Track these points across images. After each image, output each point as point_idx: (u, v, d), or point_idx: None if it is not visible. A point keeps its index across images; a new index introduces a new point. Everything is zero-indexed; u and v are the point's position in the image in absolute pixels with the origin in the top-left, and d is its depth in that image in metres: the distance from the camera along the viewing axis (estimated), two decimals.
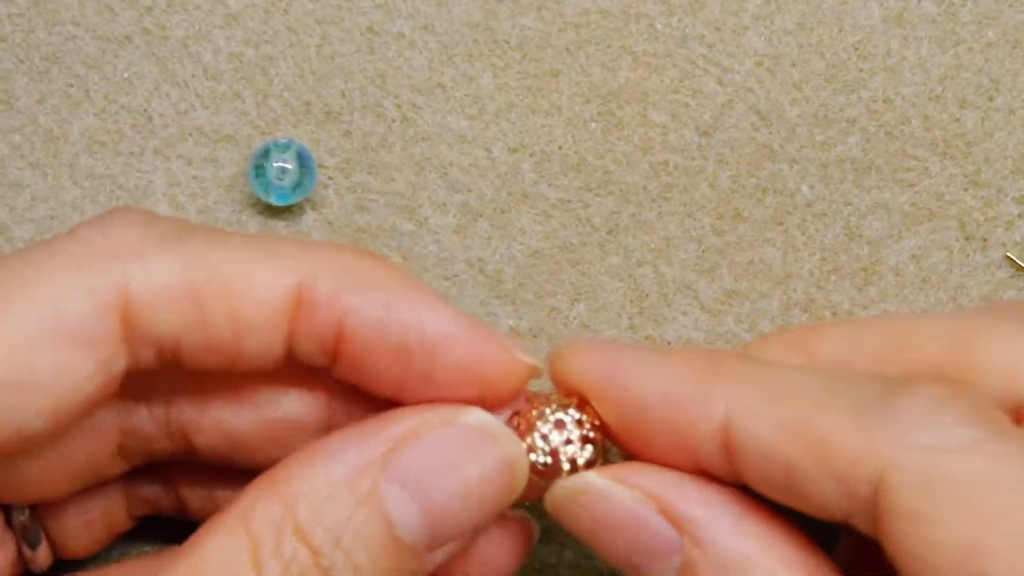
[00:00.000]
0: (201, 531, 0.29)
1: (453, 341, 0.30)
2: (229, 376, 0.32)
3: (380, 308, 0.30)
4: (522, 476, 0.31)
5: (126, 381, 0.30)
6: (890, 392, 0.28)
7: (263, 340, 0.30)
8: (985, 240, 0.39)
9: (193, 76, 0.40)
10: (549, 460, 0.31)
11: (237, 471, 0.33)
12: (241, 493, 0.29)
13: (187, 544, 0.29)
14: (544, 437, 0.31)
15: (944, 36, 0.40)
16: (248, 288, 0.29)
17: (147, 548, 0.38)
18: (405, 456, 0.29)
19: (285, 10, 0.40)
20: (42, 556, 0.33)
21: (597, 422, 0.31)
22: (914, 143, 0.39)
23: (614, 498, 0.30)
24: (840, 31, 0.40)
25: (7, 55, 0.40)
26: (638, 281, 0.39)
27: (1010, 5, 0.40)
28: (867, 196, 0.39)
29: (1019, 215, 0.39)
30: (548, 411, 0.31)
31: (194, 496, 0.35)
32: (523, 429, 0.31)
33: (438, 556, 0.30)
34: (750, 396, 0.29)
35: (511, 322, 0.39)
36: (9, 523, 0.33)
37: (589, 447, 0.31)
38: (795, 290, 0.39)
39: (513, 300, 0.39)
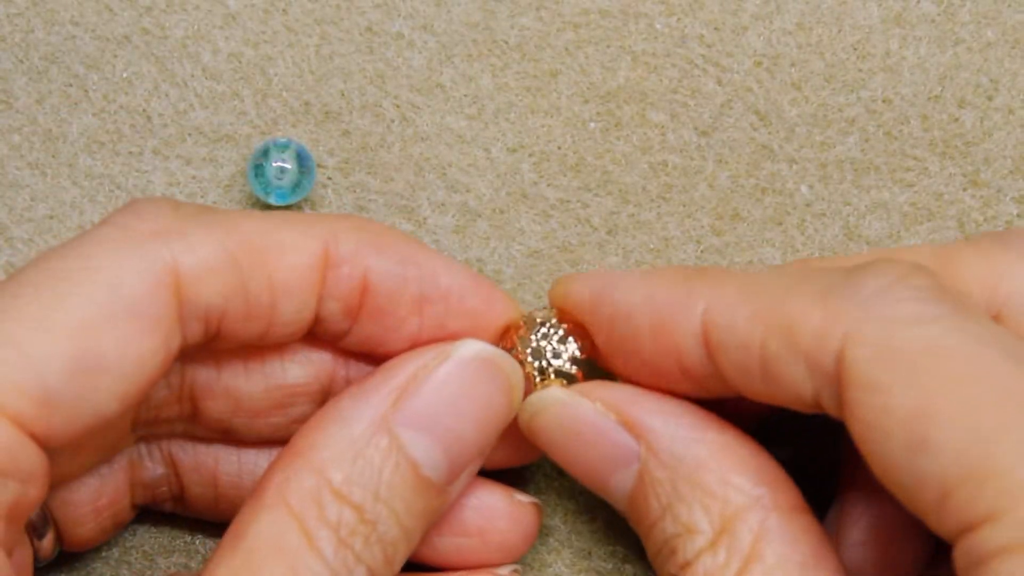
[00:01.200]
0: (241, 519, 0.30)
1: (466, 291, 0.33)
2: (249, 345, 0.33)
3: (399, 262, 0.32)
4: (519, 390, 0.33)
5: None
6: (853, 272, 0.29)
7: (297, 302, 0.32)
8: None
9: (192, 76, 0.40)
10: (538, 376, 0.33)
11: (240, 459, 0.35)
12: (267, 472, 0.31)
13: (230, 535, 0.30)
14: (534, 353, 0.33)
15: (943, 36, 0.40)
16: (281, 253, 0.31)
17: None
18: (414, 401, 0.31)
19: (284, 10, 0.40)
20: (47, 546, 0.34)
21: (582, 342, 0.33)
22: (913, 143, 0.39)
23: (577, 410, 0.32)
24: (839, 31, 0.40)
25: (6, 55, 0.40)
26: None
27: (1009, 5, 0.40)
28: (866, 196, 0.39)
29: (1018, 215, 0.39)
30: (536, 329, 0.34)
31: (196, 479, 0.35)
32: (511, 346, 0.33)
33: (457, 487, 0.32)
34: (726, 292, 0.30)
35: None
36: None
37: (573, 364, 0.33)
38: None
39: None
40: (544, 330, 0.34)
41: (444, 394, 0.31)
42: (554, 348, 0.33)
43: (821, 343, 0.28)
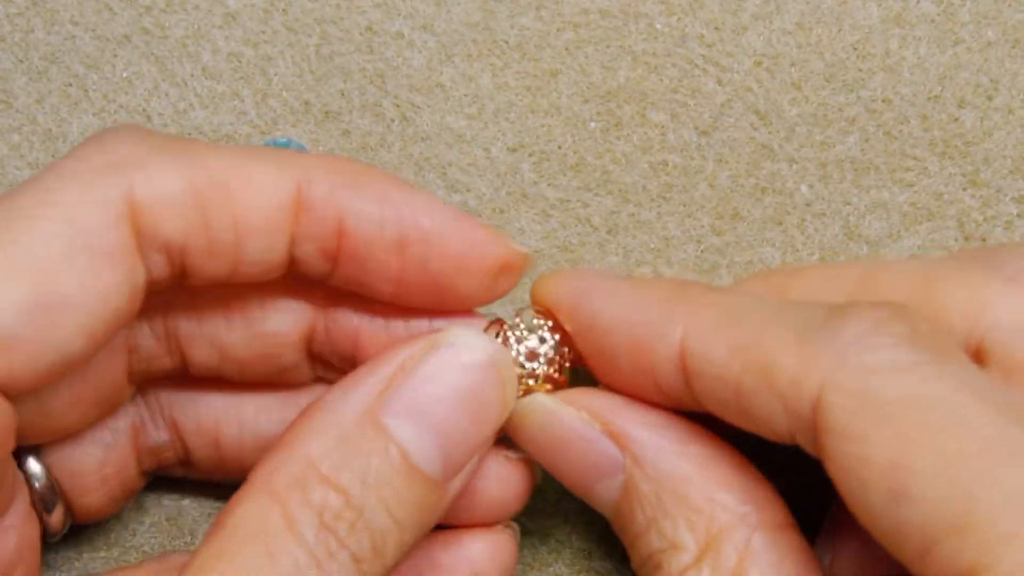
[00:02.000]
0: (227, 507, 0.30)
1: (448, 231, 0.32)
2: (224, 291, 0.33)
3: (376, 203, 0.31)
4: (511, 377, 0.32)
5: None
6: (832, 315, 0.29)
7: (264, 243, 0.31)
8: (984, 240, 0.39)
9: (192, 76, 0.40)
10: (525, 377, 0.33)
11: (240, 420, 0.35)
12: (257, 464, 0.30)
13: (216, 522, 0.29)
14: (523, 353, 0.33)
15: (943, 36, 0.40)
16: (247, 191, 0.30)
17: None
18: (402, 391, 0.30)
19: (284, 9, 0.40)
20: (56, 519, 0.34)
21: (564, 348, 0.33)
22: (913, 143, 0.39)
23: (563, 418, 0.32)
24: (839, 31, 0.40)
25: (6, 55, 0.40)
26: None
27: (1009, 5, 0.40)
28: (866, 196, 0.39)
29: (1018, 215, 0.39)
30: (520, 326, 0.33)
31: (199, 442, 0.36)
32: (503, 340, 0.33)
33: (455, 485, 0.31)
34: (705, 320, 0.30)
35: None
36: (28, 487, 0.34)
37: (558, 369, 0.33)
38: None
39: (512, 300, 0.39)
40: (529, 329, 0.33)
41: (433, 384, 0.31)
42: (539, 349, 0.33)
43: (797, 388, 0.28)
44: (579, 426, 0.32)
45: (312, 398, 0.35)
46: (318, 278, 0.33)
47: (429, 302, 0.33)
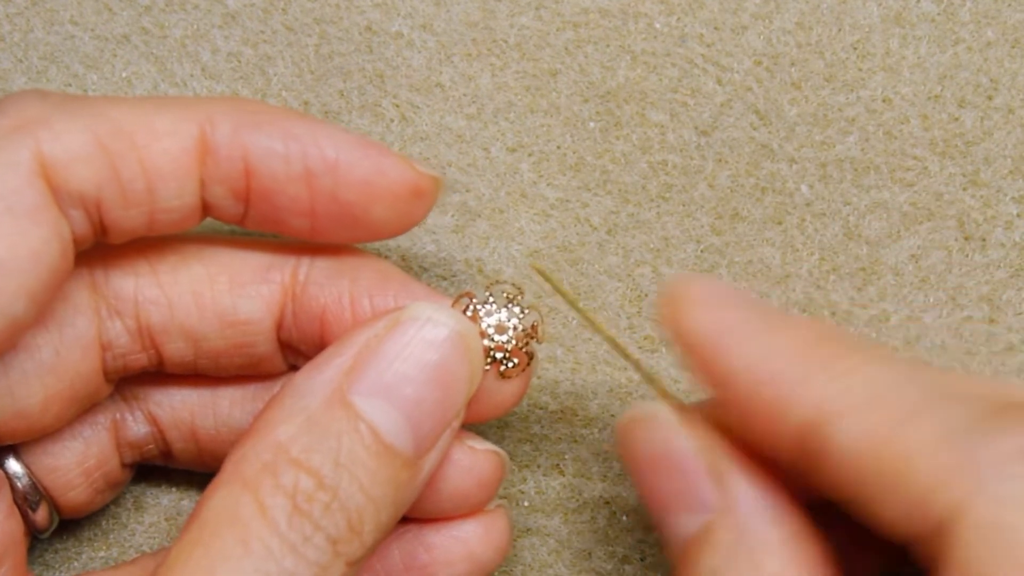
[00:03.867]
0: (201, 498, 0.30)
1: (353, 158, 0.32)
2: (193, 280, 0.33)
3: (280, 139, 0.32)
4: (477, 349, 0.32)
5: (97, 288, 0.32)
6: (987, 423, 0.26)
7: (175, 188, 0.31)
8: (984, 240, 0.39)
9: (191, 76, 0.40)
10: (492, 344, 0.33)
11: (215, 413, 0.35)
12: (229, 454, 0.30)
13: (192, 513, 0.29)
14: (485, 323, 0.33)
15: (943, 36, 0.40)
16: (152, 137, 0.31)
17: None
18: (367, 368, 0.30)
19: (284, 9, 0.40)
20: (42, 516, 0.34)
21: (533, 323, 0.33)
22: (913, 143, 0.39)
23: (674, 440, 0.30)
24: (839, 31, 0.40)
25: (6, 54, 0.40)
26: (637, 281, 0.39)
27: (1009, 5, 0.40)
28: (866, 196, 0.39)
29: (1018, 215, 0.39)
30: (490, 299, 0.33)
31: (177, 435, 0.36)
32: (470, 314, 0.33)
33: (430, 460, 0.31)
34: (846, 395, 0.28)
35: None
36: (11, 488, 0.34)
37: (522, 345, 0.33)
38: (794, 290, 0.39)
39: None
40: (498, 303, 0.33)
41: (398, 360, 0.31)
42: (507, 323, 0.33)
43: (933, 498, 0.26)
44: (687, 454, 0.30)
45: (276, 381, 0.35)
46: (234, 221, 0.33)
47: (346, 235, 0.33)
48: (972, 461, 0.26)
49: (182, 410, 0.35)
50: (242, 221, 0.33)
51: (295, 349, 0.35)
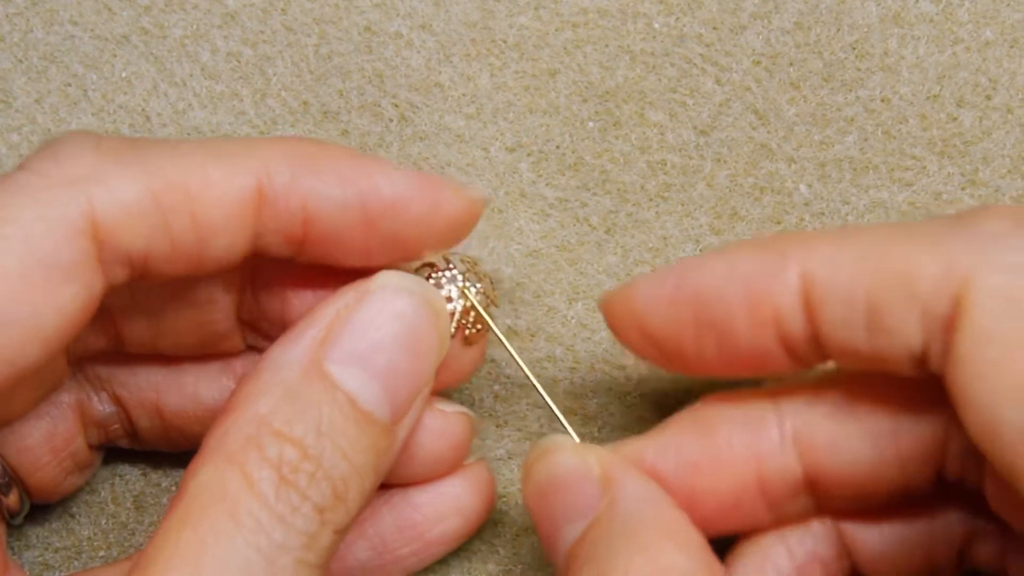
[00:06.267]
0: (184, 477, 0.30)
1: (410, 198, 0.32)
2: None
3: (337, 184, 0.31)
4: (445, 316, 0.33)
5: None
6: (967, 216, 0.28)
7: (227, 241, 0.31)
8: None
9: (191, 76, 0.40)
10: (456, 310, 0.34)
11: (180, 390, 0.35)
12: (208, 431, 0.30)
13: (176, 493, 0.29)
14: (447, 290, 0.34)
15: (942, 35, 0.40)
16: (207, 191, 0.31)
17: None
18: (341, 339, 0.31)
19: (283, 9, 0.40)
20: (13, 500, 0.34)
21: (489, 289, 0.34)
22: (912, 142, 0.39)
23: (565, 460, 0.32)
24: (838, 30, 0.40)
25: (5, 54, 0.40)
26: None
27: (1007, 4, 0.40)
28: (865, 195, 0.39)
29: None
30: (452, 268, 0.34)
31: (142, 413, 0.36)
32: (431, 280, 0.34)
33: (405, 426, 0.32)
34: (821, 250, 0.29)
35: (508, 321, 0.39)
36: None
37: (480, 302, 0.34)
38: None
39: (511, 299, 0.39)
40: (458, 271, 0.34)
41: (370, 328, 0.31)
42: (468, 289, 0.34)
43: (939, 289, 0.27)
44: (577, 469, 0.32)
45: (248, 364, 0.35)
46: (281, 260, 0.33)
47: (392, 260, 0.33)
48: (968, 247, 0.27)
49: (146, 389, 0.36)
50: (291, 262, 0.33)
51: (256, 328, 0.35)
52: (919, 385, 0.30)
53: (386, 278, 0.32)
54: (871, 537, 0.33)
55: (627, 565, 0.29)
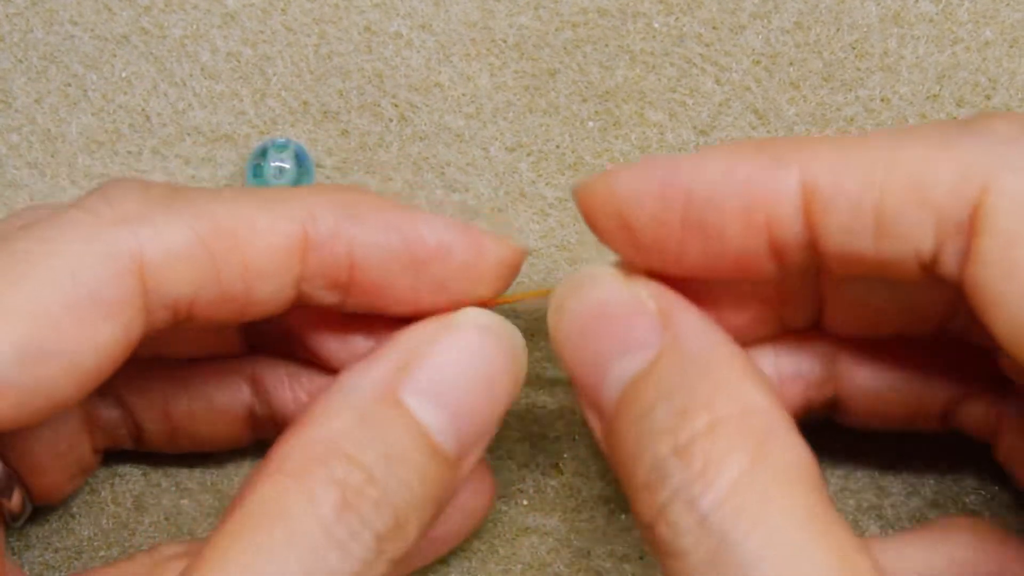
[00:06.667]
0: (241, 491, 0.29)
1: (454, 243, 0.32)
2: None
3: (382, 233, 0.31)
4: (524, 358, 0.32)
5: None
6: (975, 124, 0.28)
7: (274, 286, 0.31)
8: None
9: (191, 76, 0.40)
10: None
11: (188, 392, 0.35)
12: (271, 450, 0.30)
13: (231, 506, 0.29)
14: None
15: (941, 35, 0.40)
16: (254, 236, 0.31)
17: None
18: (419, 370, 0.31)
19: (283, 9, 0.40)
20: (16, 502, 0.34)
21: None
22: None
23: (615, 292, 0.31)
24: (838, 30, 0.40)
25: (5, 54, 0.40)
26: None
27: (1007, 4, 0.40)
28: None
29: None
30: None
31: (149, 416, 0.36)
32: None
33: (467, 465, 0.32)
34: (823, 155, 0.28)
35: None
36: None
37: None
38: None
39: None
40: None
41: (450, 363, 0.31)
42: None
43: (956, 193, 0.27)
44: (631, 301, 0.30)
45: (255, 366, 0.35)
46: (328, 307, 0.33)
47: (437, 307, 0.33)
48: (982, 151, 0.27)
49: (154, 393, 0.36)
50: (338, 308, 0.33)
51: (256, 326, 0.35)
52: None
53: (471, 315, 0.32)
54: (862, 372, 0.33)
55: (710, 401, 0.28)
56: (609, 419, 0.30)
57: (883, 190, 0.28)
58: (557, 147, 0.40)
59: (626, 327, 0.30)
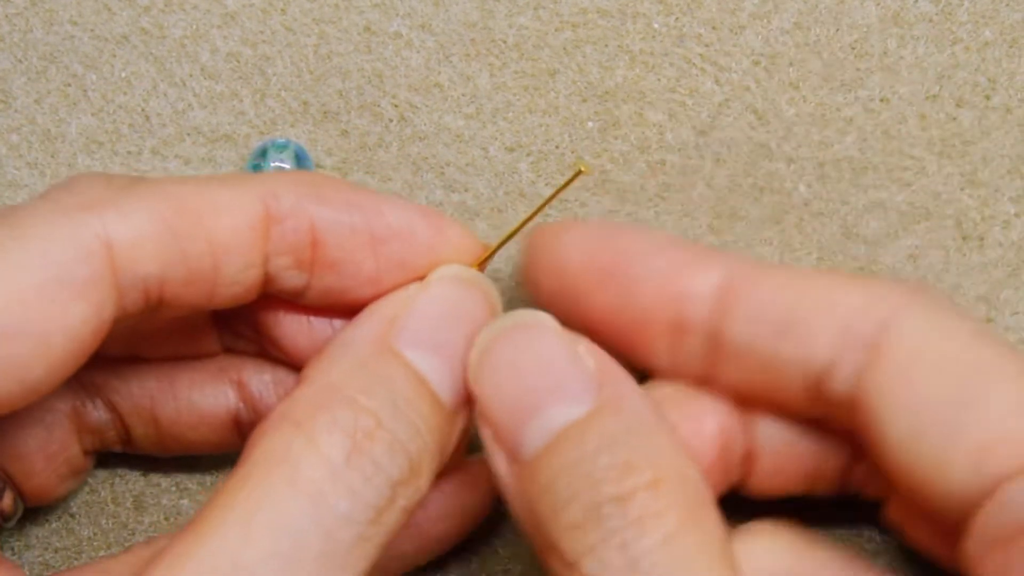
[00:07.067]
0: (247, 446, 0.29)
1: (416, 225, 0.32)
2: None
3: (343, 209, 0.32)
4: (499, 307, 0.33)
5: None
6: (874, 278, 0.31)
7: (240, 263, 0.31)
8: (982, 239, 0.39)
9: (191, 76, 0.40)
10: None
11: (175, 396, 0.36)
12: (275, 407, 0.30)
13: (238, 461, 0.29)
14: None
15: (941, 35, 0.40)
16: (218, 214, 0.31)
17: None
18: (409, 322, 0.31)
19: (283, 10, 0.40)
20: (7, 504, 0.34)
21: None
22: (911, 142, 0.39)
23: (554, 336, 0.31)
24: (837, 30, 0.40)
25: (4, 54, 0.40)
26: None
27: (1007, 4, 0.40)
28: (864, 195, 0.39)
29: (1016, 214, 0.39)
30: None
31: (137, 420, 0.36)
32: None
33: (460, 422, 0.32)
34: (747, 263, 0.31)
35: None
36: None
37: None
38: None
39: (510, 299, 0.39)
40: None
41: (436, 313, 0.32)
42: None
43: (864, 312, 0.29)
44: (573, 352, 0.30)
45: (240, 370, 0.36)
46: (295, 294, 0.33)
47: (401, 286, 0.33)
48: (895, 288, 0.30)
49: (141, 396, 0.36)
50: (303, 294, 0.33)
51: (230, 328, 0.35)
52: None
53: (446, 270, 0.33)
54: (770, 431, 0.33)
55: (655, 460, 0.28)
56: (528, 463, 0.30)
57: (795, 297, 0.30)
58: (557, 147, 0.40)
59: (562, 377, 0.30)
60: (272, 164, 0.38)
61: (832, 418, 0.31)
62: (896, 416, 0.28)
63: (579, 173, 0.34)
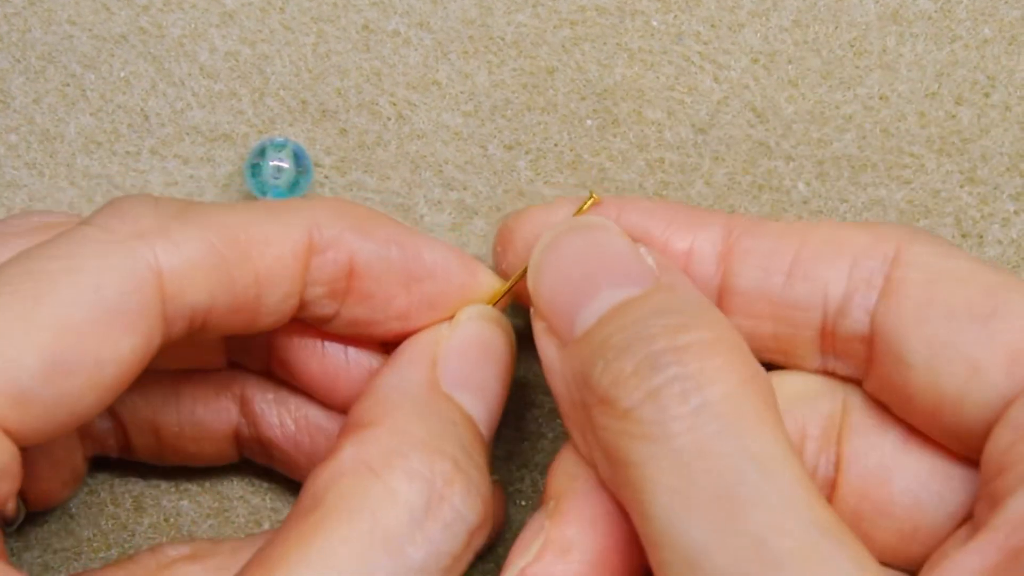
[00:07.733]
0: (314, 491, 0.29)
1: (451, 266, 0.33)
2: None
3: (383, 244, 0.33)
4: (515, 344, 0.34)
5: None
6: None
7: (283, 292, 0.32)
8: (981, 237, 0.39)
9: (189, 75, 0.40)
10: None
11: (177, 409, 0.36)
12: (332, 449, 0.30)
13: (301, 507, 0.29)
14: None
15: (940, 33, 0.40)
16: (266, 245, 0.31)
17: None
18: (447, 364, 0.32)
19: (281, 8, 0.40)
20: (11, 509, 0.34)
21: None
22: (910, 140, 0.39)
23: (618, 233, 0.32)
24: (836, 28, 0.40)
25: (3, 54, 0.40)
26: None
27: (1006, 2, 0.39)
28: (863, 193, 0.39)
29: (1015, 212, 0.39)
30: None
31: (138, 431, 0.36)
32: None
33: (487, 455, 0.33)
34: (748, 218, 0.33)
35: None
36: None
37: None
38: None
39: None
40: None
41: (473, 355, 0.33)
42: None
43: (871, 250, 0.31)
44: (635, 248, 0.31)
45: (242, 385, 0.36)
46: (322, 321, 0.33)
47: (427, 325, 0.34)
48: (897, 229, 0.33)
49: (143, 407, 0.36)
50: (330, 322, 0.33)
51: (241, 344, 0.35)
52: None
53: (472, 310, 0.33)
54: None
55: (710, 324, 0.29)
56: (579, 338, 0.30)
57: (800, 242, 0.31)
58: (555, 145, 0.40)
59: (622, 265, 0.30)
60: (271, 163, 0.38)
61: (843, 360, 0.32)
62: (920, 336, 0.29)
63: (591, 199, 0.34)
